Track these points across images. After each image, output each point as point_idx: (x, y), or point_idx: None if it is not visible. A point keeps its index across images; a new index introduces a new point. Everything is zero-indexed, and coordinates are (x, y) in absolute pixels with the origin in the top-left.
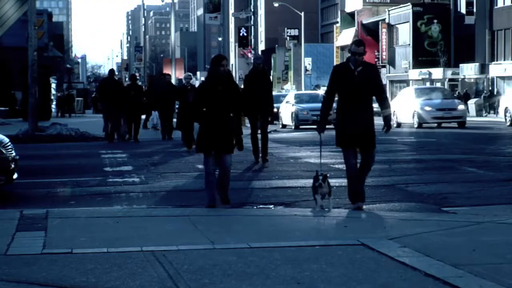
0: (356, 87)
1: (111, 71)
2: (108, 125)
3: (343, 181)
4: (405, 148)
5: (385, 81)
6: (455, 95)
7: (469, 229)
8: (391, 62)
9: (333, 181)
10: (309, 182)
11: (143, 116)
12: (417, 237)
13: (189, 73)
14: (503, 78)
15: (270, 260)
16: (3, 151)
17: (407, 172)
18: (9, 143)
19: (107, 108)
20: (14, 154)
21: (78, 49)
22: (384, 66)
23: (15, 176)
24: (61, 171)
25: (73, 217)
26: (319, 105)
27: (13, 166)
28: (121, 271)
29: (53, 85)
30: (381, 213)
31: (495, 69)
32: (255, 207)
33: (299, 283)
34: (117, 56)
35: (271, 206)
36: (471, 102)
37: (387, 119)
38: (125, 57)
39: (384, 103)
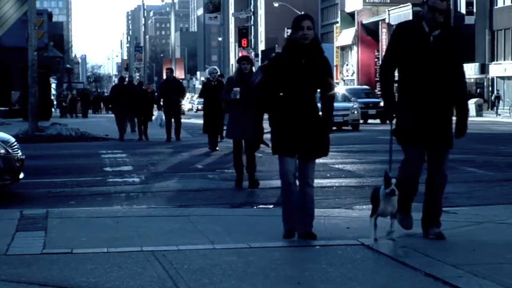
0: (431, 59)
1: (121, 78)
2: (120, 126)
3: (343, 181)
4: None
5: None
6: None
7: (469, 229)
8: None
9: (332, 181)
10: None
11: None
12: (417, 237)
13: (215, 67)
14: (503, 78)
15: (270, 260)
16: (9, 150)
17: None
18: (15, 143)
19: (119, 111)
20: (20, 153)
21: (78, 49)
22: None
23: (21, 175)
24: (61, 171)
25: (73, 217)
26: (337, 104)
27: (19, 165)
28: (121, 271)
29: (53, 85)
30: None
31: (495, 69)
32: (255, 207)
33: (299, 283)
34: (117, 56)
35: (271, 206)
36: (471, 102)
37: (464, 113)
38: (125, 57)
39: (461, 84)
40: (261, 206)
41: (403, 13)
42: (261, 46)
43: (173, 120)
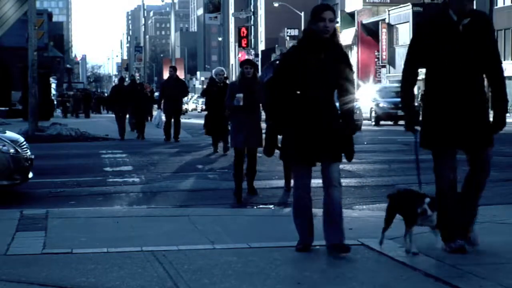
0: (461, 50)
1: (121, 78)
2: (120, 125)
3: (343, 181)
4: (405, 148)
5: (385, 81)
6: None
7: None
8: (391, 62)
9: None
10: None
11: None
12: (417, 237)
13: (222, 68)
14: None
15: (270, 260)
16: (19, 150)
17: (407, 172)
18: (24, 143)
19: (119, 111)
20: (29, 153)
21: (78, 49)
22: (384, 66)
23: (30, 175)
24: (61, 171)
25: (73, 217)
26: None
27: (28, 165)
28: (121, 271)
29: (53, 85)
30: (381, 213)
31: None
32: (255, 207)
33: (299, 283)
34: (117, 56)
35: (271, 206)
36: None
37: (500, 105)
38: (125, 57)
39: (498, 77)
40: (261, 206)
41: (403, 13)
42: (261, 46)
43: (172, 120)
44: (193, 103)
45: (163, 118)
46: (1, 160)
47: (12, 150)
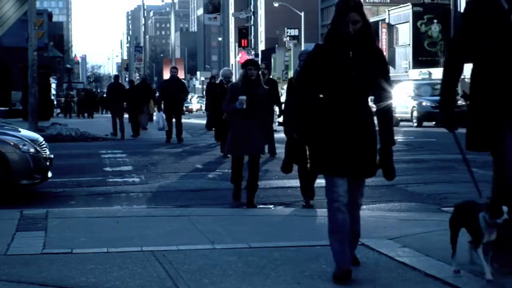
0: (510, 44)
1: (116, 76)
2: (116, 124)
3: None
4: (405, 148)
5: None
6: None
7: None
8: (391, 62)
9: None
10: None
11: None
12: (417, 237)
13: (230, 70)
14: None
15: (270, 260)
16: (39, 149)
17: (407, 172)
18: (44, 142)
19: (118, 110)
20: (48, 152)
21: (78, 49)
22: None
23: (49, 174)
24: (61, 171)
25: (73, 217)
26: None
27: (47, 164)
28: (121, 271)
29: (53, 85)
30: (381, 213)
31: None
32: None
33: (299, 283)
34: (117, 56)
35: (271, 206)
36: None
37: None
38: (125, 57)
39: None
40: (261, 206)
41: (403, 13)
42: (261, 46)
43: (174, 120)
44: (198, 103)
45: (164, 120)
46: (21, 159)
47: (32, 150)
